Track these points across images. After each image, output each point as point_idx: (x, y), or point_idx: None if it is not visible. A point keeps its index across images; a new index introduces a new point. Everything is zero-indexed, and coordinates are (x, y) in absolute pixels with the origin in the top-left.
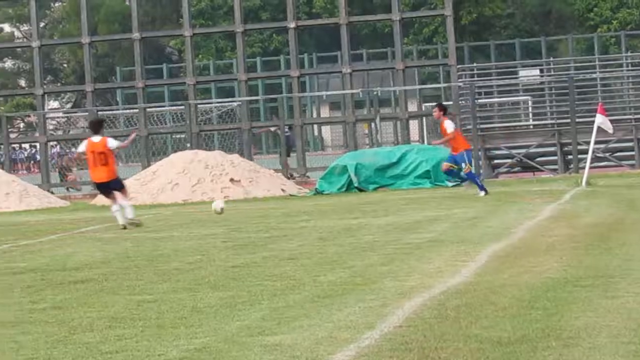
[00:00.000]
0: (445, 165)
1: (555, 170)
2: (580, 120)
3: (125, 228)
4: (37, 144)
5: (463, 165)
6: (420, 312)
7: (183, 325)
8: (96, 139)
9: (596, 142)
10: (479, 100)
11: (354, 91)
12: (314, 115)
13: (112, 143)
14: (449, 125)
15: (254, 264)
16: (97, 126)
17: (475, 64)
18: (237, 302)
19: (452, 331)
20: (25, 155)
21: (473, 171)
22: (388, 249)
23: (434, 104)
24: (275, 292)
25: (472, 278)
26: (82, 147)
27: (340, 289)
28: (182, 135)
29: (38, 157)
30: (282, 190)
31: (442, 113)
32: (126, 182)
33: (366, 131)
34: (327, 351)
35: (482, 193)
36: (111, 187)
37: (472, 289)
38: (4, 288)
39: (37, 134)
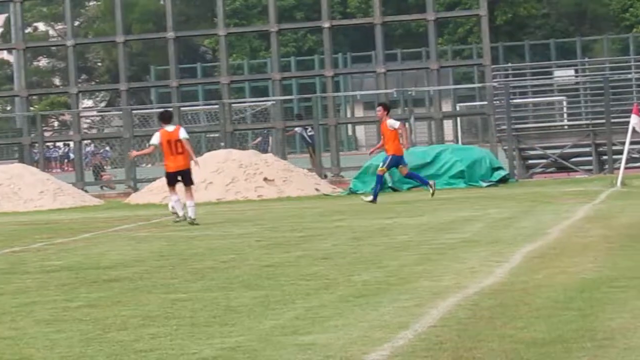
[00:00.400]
0: (403, 171)
1: (590, 170)
2: (615, 120)
3: (183, 219)
4: (71, 143)
5: (381, 164)
6: (455, 312)
7: (217, 324)
8: (170, 128)
9: (631, 143)
10: (514, 101)
11: (388, 91)
12: (348, 115)
13: (185, 134)
14: (393, 122)
15: (287, 263)
16: (168, 116)
17: (509, 64)
18: (270, 301)
19: (487, 331)
20: (59, 153)
21: (385, 177)
22: (422, 249)
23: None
24: (309, 292)
25: (507, 278)
26: (155, 139)
27: (374, 289)
28: (216, 135)
29: (72, 155)
30: (316, 189)
31: (385, 112)
32: (160, 181)
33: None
34: (361, 351)
35: (369, 199)
36: (183, 177)
37: (507, 290)
38: (38, 286)
39: (71, 133)
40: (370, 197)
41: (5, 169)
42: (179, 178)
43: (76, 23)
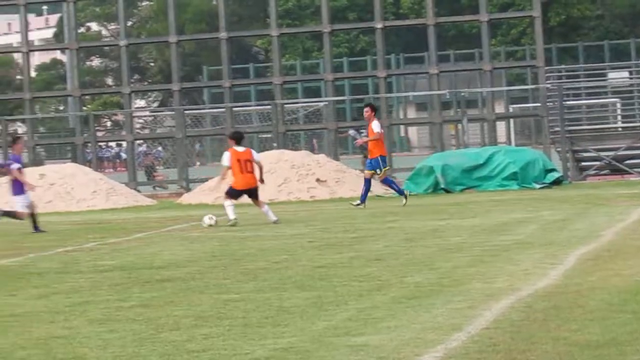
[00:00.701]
0: (368, 173)
1: None
2: None
3: (235, 225)
4: (124, 143)
5: (378, 171)
6: (508, 314)
7: (269, 325)
8: (240, 149)
9: None
10: (567, 102)
11: (440, 92)
12: (401, 116)
13: (257, 156)
14: (376, 126)
15: (340, 264)
16: (240, 137)
17: (563, 66)
18: (323, 302)
19: (540, 334)
20: (112, 153)
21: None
22: (475, 251)
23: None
24: (361, 293)
25: (560, 280)
26: (226, 161)
27: (427, 291)
28: (269, 135)
29: (123, 155)
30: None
31: (373, 113)
32: (212, 182)
33: (453, 132)
34: (414, 352)
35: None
36: (252, 194)
37: (560, 292)
38: (91, 286)
39: (123, 133)
40: (403, 200)
41: (58, 168)
42: (245, 195)
43: (129, 23)
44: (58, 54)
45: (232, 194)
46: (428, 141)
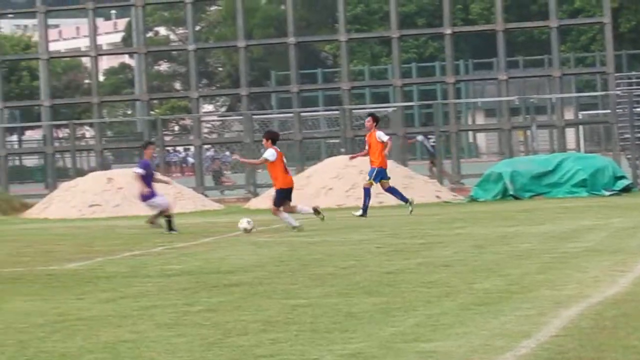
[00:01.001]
0: (384, 185)
1: None
2: None
3: (301, 230)
4: (191, 147)
5: (367, 177)
6: (577, 321)
7: (337, 330)
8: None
9: None
10: (637, 109)
11: (509, 98)
12: (469, 122)
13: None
14: (382, 135)
15: (408, 270)
16: (277, 138)
17: (633, 72)
18: (391, 308)
19: (610, 342)
20: (179, 158)
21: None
22: (544, 258)
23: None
24: (429, 299)
25: (630, 288)
26: (272, 156)
27: (496, 297)
28: (337, 140)
29: (191, 160)
30: (437, 196)
31: (374, 124)
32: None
33: (521, 139)
34: (482, 359)
35: (359, 213)
36: (290, 194)
37: (630, 299)
38: (159, 290)
39: (191, 137)
40: (360, 212)
41: (125, 172)
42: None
43: (197, 28)
44: (126, 58)
45: (285, 194)
46: (497, 147)
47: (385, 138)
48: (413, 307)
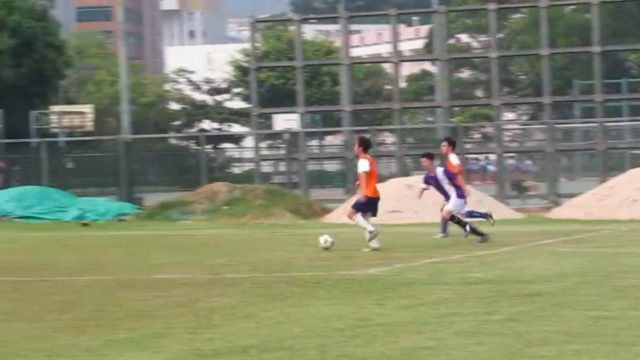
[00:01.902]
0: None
1: None
2: None
3: (377, 234)
4: (492, 155)
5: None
6: None
7: None
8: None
9: None
10: None
11: None
12: None
13: None
14: (454, 159)
15: None
16: (370, 145)
17: None
18: None
19: None
20: (479, 166)
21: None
22: None
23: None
24: None
25: None
26: (367, 167)
27: None
28: None
29: (489, 168)
30: None
31: (451, 148)
32: (582, 197)
33: None
34: None
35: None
36: (377, 204)
37: None
38: (458, 297)
39: (492, 145)
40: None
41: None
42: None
43: (500, 35)
44: (427, 65)
45: (368, 204)
46: None
47: (456, 162)
48: None
